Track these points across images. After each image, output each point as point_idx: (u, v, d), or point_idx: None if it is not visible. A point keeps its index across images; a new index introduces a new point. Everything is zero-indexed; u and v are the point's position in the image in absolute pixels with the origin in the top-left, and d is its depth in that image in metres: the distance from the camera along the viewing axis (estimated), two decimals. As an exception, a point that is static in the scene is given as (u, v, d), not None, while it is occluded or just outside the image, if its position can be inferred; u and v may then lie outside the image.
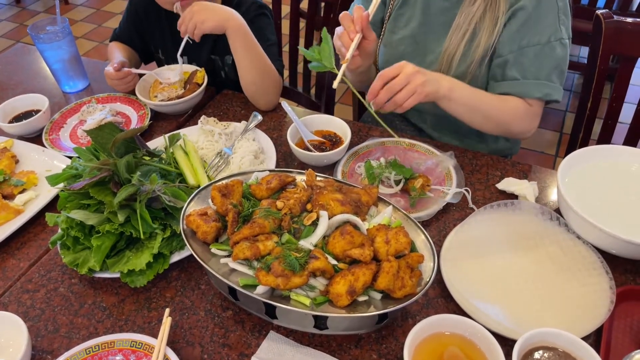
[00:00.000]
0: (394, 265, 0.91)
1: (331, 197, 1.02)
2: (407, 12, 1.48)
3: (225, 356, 0.98)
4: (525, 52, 1.32)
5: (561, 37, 1.31)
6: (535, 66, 1.32)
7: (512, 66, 1.34)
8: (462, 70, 1.39)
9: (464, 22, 1.34)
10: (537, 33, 1.31)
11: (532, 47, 1.31)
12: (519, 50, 1.32)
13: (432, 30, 1.44)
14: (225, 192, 1.04)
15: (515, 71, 1.33)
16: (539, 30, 1.30)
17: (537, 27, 1.30)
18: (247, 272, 0.95)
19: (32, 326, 1.05)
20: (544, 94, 1.33)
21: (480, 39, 1.34)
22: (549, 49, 1.31)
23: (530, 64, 1.32)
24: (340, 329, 0.97)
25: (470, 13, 1.32)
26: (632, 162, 1.20)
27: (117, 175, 1.13)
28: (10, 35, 4.34)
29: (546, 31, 1.30)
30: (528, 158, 2.90)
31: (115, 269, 1.07)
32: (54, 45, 1.63)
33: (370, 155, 1.36)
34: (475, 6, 1.32)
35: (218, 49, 1.70)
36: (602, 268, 1.06)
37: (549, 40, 1.31)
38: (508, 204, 1.18)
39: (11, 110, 1.57)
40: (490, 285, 1.05)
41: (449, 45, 1.37)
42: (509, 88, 1.35)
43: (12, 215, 1.26)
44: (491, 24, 1.32)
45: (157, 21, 1.73)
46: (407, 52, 1.49)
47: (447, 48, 1.38)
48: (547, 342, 0.90)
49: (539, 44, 1.31)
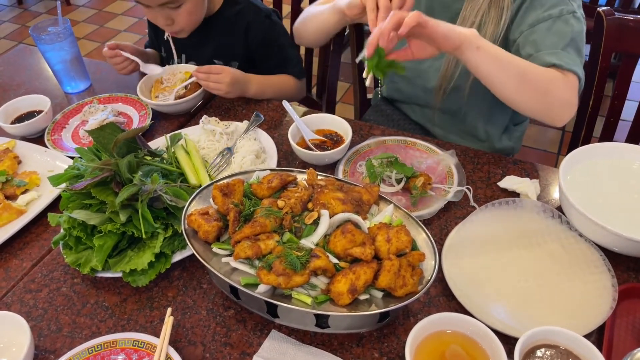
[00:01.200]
0: (395, 264, 0.91)
1: (332, 196, 1.02)
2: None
3: (227, 355, 0.98)
4: (537, 29, 1.25)
5: (573, 10, 1.25)
6: (549, 39, 1.23)
7: (525, 45, 1.27)
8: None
9: (470, 14, 1.32)
10: (547, 7, 1.25)
11: (543, 23, 1.25)
12: (529, 28, 1.26)
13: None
14: (227, 191, 1.04)
15: (529, 48, 1.26)
16: (548, 5, 1.25)
17: (546, 2, 1.26)
18: (249, 271, 0.96)
19: (35, 326, 1.05)
20: (563, 62, 1.20)
21: (486, 31, 1.32)
22: (561, 22, 1.24)
23: (544, 38, 1.24)
24: (342, 328, 0.97)
25: (476, 5, 1.31)
26: (634, 159, 1.20)
27: (118, 175, 1.13)
28: (13, 37, 4.35)
29: (557, 5, 1.25)
30: (531, 156, 2.89)
31: (117, 268, 1.08)
32: (56, 46, 1.64)
33: (371, 154, 1.36)
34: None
35: (222, 55, 1.70)
36: (604, 266, 1.06)
37: (561, 13, 1.24)
38: (510, 202, 1.18)
39: (13, 111, 1.58)
40: (492, 283, 1.05)
41: None
42: None
43: (14, 215, 1.26)
44: (496, 15, 1.30)
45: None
46: None
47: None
48: (549, 340, 0.89)
49: (550, 18, 1.24)
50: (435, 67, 1.46)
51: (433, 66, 1.47)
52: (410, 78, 1.55)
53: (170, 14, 1.52)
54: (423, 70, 1.50)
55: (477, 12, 1.32)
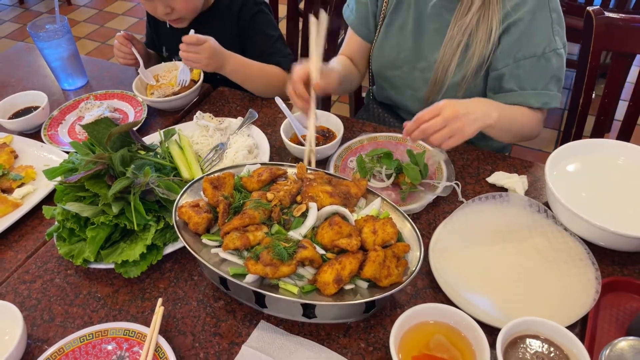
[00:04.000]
0: (380, 255, 0.92)
1: (320, 189, 1.04)
2: (399, 18, 1.47)
3: (217, 345, 1.00)
4: (521, 65, 1.32)
5: (556, 47, 1.31)
6: (532, 78, 1.33)
7: (509, 79, 1.34)
8: (457, 80, 1.39)
9: (457, 32, 1.33)
10: (532, 46, 1.31)
11: (527, 60, 1.31)
12: (514, 63, 1.32)
13: (425, 37, 1.44)
14: (217, 184, 1.06)
15: (513, 83, 1.34)
16: (533, 43, 1.31)
17: (532, 40, 1.30)
18: (237, 261, 0.97)
19: (29, 315, 1.07)
20: (543, 103, 1.34)
21: (474, 50, 1.33)
22: (544, 61, 1.31)
23: (527, 76, 1.33)
24: (329, 318, 0.98)
25: (463, 24, 1.32)
26: (619, 155, 1.21)
27: (112, 169, 1.15)
28: (14, 36, 4.38)
29: (541, 43, 1.30)
30: (526, 155, 2.91)
31: (109, 259, 1.10)
32: (53, 44, 1.66)
33: (363, 150, 1.38)
34: (468, 17, 1.30)
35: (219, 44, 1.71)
36: (589, 259, 1.07)
37: (544, 51, 1.30)
38: (497, 197, 1.20)
39: (11, 107, 1.60)
40: (478, 276, 1.07)
41: (443, 55, 1.37)
42: (508, 99, 1.35)
43: (10, 208, 1.28)
44: (485, 35, 1.31)
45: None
46: (400, 59, 1.50)
47: (442, 58, 1.37)
48: (531, 331, 0.91)
49: (535, 56, 1.31)
50: (424, 79, 1.47)
51: (422, 77, 1.48)
52: (399, 87, 1.57)
53: (168, 2, 1.55)
54: (412, 79, 1.51)
55: (464, 31, 1.32)
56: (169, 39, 1.80)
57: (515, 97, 1.35)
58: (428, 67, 1.44)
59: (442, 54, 1.37)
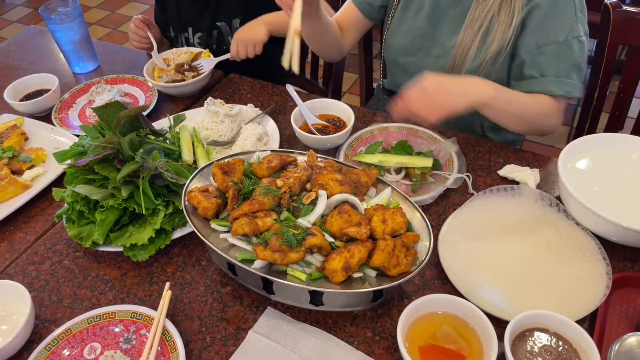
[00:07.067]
0: (389, 244, 0.92)
1: (330, 177, 1.03)
2: (416, 2, 1.45)
3: (223, 330, 1.00)
4: (543, 51, 1.29)
5: (578, 34, 1.28)
6: (553, 65, 1.29)
7: (530, 65, 1.31)
8: (475, 65, 1.36)
9: (479, 15, 1.30)
10: (554, 32, 1.28)
11: (549, 46, 1.29)
12: (536, 49, 1.30)
13: (442, 23, 1.41)
14: (227, 169, 1.06)
15: (534, 70, 1.31)
16: (556, 28, 1.28)
17: (554, 25, 1.28)
18: (246, 247, 0.97)
19: (37, 296, 1.08)
20: (565, 92, 1.30)
21: (495, 34, 1.30)
22: (566, 47, 1.28)
23: (549, 63, 1.29)
24: (336, 306, 0.98)
25: (486, 6, 1.29)
26: (633, 150, 1.20)
27: (121, 153, 1.15)
28: (25, 20, 4.39)
29: (563, 29, 1.27)
30: (537, 151, 2.84)
31: (118, 242, 1.10)
32: (65, 26, 1.66)
33: (373, 139, 1.37)
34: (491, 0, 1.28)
35: (223, 14, 1.70)
36: (600, 254, 1.06)
37: (567, 38, 1.27)
38: (508, 189, 1.19)
39: (22, 89, 1.60)
40: (487, 268, 1.06)
41: (463, 38, 1.34)
42: (529, 86, 1.32)
43: (20, 190, 1.29)
44: (507, 19, 1.28)
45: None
46: (414, 45, 1.47)
47: (462, 42, 1.34)
48: (540, 324, 0.91)
49: (557, 43, 1.28)
50: (439, 66, 1.44)
51: (436, 64, 1.45)
52: (412, 74, 1.54)
53: None
54: (426, 66, 1.47)
55: (486, 14, 1.29)
56: (174, 19, 1.80)
57: (536, 84, 1.31)
58: (444, 54, 1.41)
59: (461, 37, 1.34)
